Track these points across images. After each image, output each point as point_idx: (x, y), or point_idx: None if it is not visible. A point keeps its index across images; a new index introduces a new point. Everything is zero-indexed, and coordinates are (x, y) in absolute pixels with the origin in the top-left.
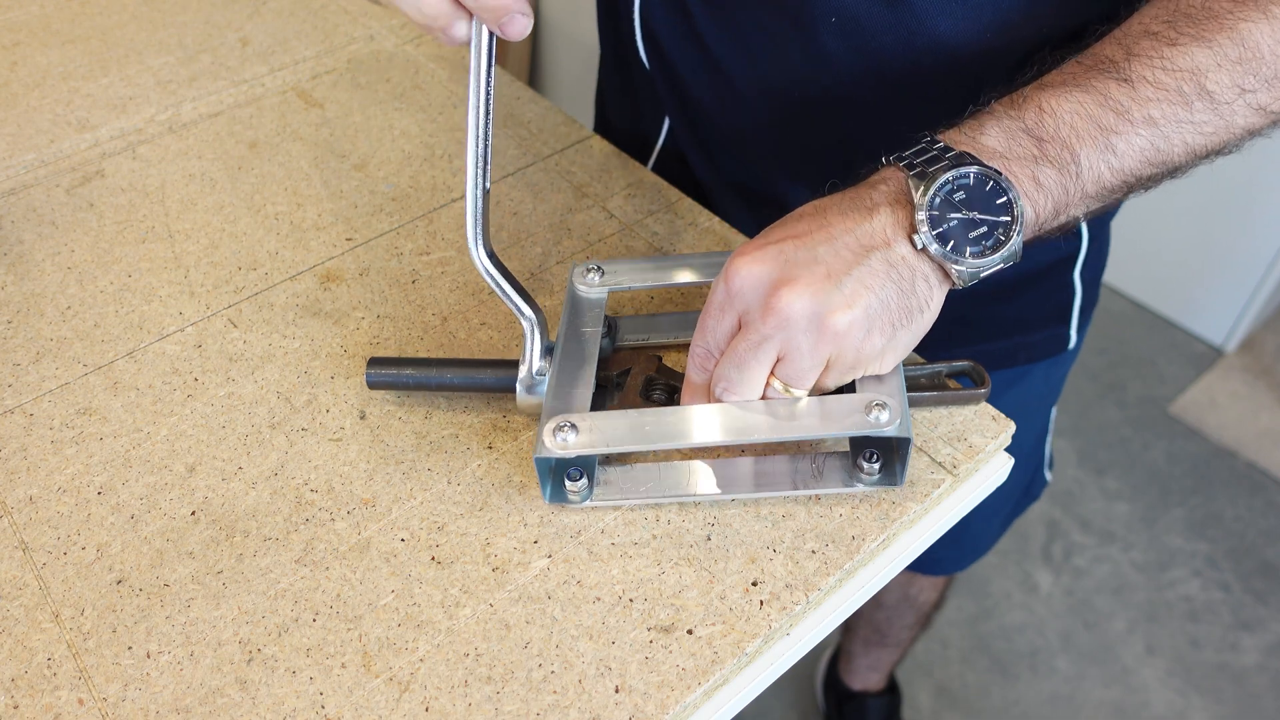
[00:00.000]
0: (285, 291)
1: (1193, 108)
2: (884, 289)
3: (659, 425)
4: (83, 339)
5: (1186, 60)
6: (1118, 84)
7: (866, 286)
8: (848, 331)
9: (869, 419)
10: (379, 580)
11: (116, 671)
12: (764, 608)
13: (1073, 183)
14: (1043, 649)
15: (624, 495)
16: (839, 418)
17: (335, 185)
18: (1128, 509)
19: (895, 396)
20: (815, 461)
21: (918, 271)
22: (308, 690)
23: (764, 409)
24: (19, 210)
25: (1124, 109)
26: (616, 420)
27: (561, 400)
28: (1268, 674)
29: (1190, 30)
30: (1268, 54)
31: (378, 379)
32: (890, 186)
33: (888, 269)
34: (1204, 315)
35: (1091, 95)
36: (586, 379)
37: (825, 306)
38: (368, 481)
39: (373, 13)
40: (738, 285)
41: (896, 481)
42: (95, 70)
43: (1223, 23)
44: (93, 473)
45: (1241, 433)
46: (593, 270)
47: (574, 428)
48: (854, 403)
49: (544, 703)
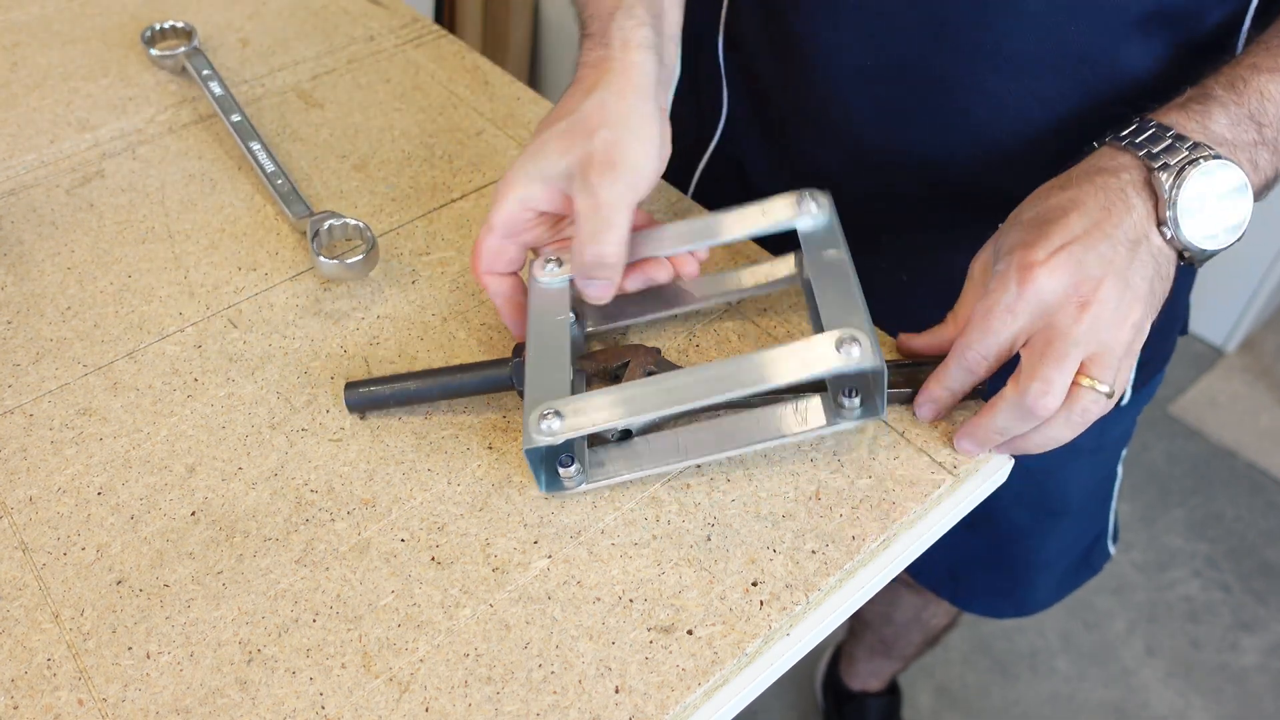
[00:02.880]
0: (285, 291)
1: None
2: (1154, 281)
3: (642, 395)
4: (83, 339)
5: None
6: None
7: (1145, 279)
8: (1143, 325)
9: (842, 355)
10: (379, 580)
11: (116, 672)
12: (764, 608)
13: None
14: (1043, 649)
15: (617, 473)
16: (814, 360)
17: (335, 185)
18: (1127, 509)
19: (862, 329)
20: (797, 407)
21: (1168, 259)
22: (308, 690)
23: (740, 364)
24: (19, 210)
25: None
26: (599, 399)
27: (541, 389)
28: (1268, 674)
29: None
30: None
31: (357, 400)
32: (1132, 175)
33: (1154, 263)
34: (1204, 315)
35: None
36: (563, 364)
37: (1128, 308)
38: (368, 482)
39: (373, 13)
40: (1037, 295)
41: (878, 413)
42: (95, 70)
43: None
44: (93, 473)
45: (1241, 433)
46: (551, 261)
47: (558, 414)
48: (825, 343)
49: (544, 703)
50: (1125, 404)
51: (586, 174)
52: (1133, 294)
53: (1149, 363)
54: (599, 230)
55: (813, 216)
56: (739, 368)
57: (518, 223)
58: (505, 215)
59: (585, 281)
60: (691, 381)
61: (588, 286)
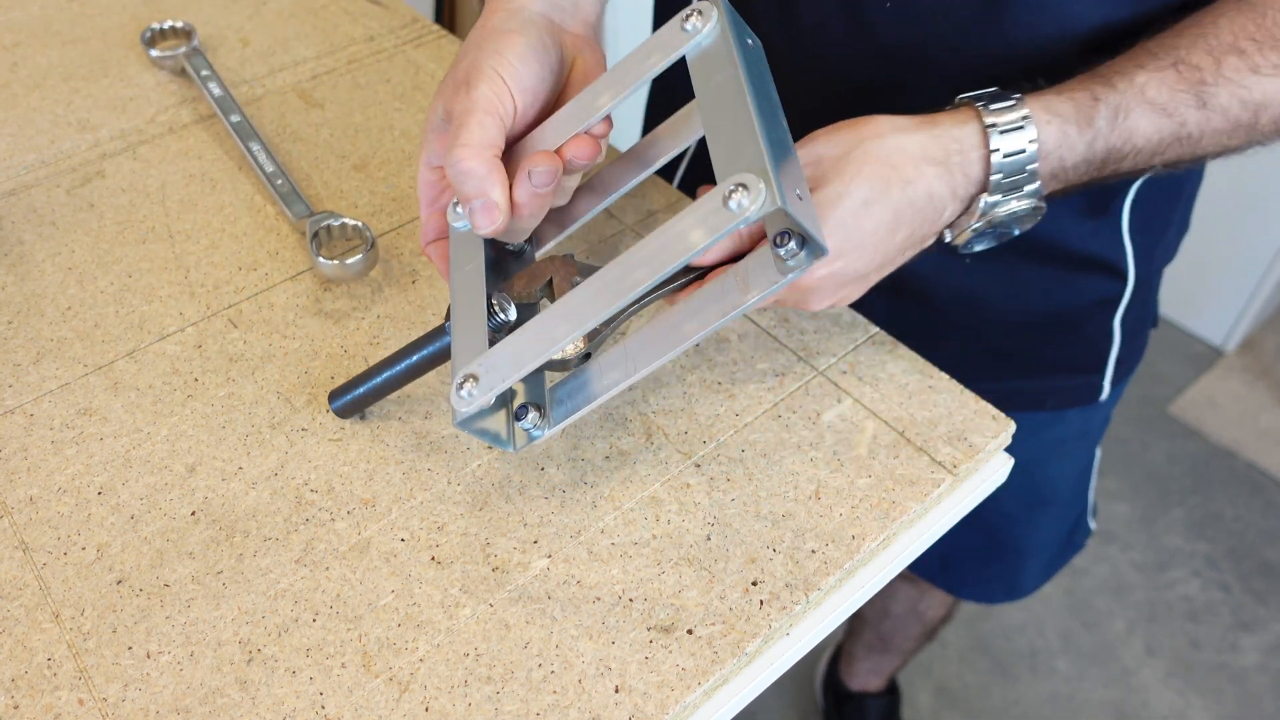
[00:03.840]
0: (285, 291)
1: (1237, 134)
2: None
3: (550, 327)
4: (83, 339)
5: (1260, 92)
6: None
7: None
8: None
9: (733, 209)
10: (379, 580)
11: (116, 671)
12: (764, 608)
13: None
14: (1042, 649)
15: (579, 405)
16: (708, 225)
17: (335, 185)
18: (1127, 509)
19: (754, 167)
20: (739, 275)
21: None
22: (308, 690)
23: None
24: (19, 210)
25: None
26: (508, 346)
27: (462, 353)
28: (1268, 674)
29: (1274, 58)
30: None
31: (343, 406)
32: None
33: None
34: (1204, 315)
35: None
36: (479, 315)
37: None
38: (368, 481)
39: (373, 13)
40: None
41: (822, 250)
42: (95, 70)
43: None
44: (93, 473)
45: (1241, 433)
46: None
47: (474, 378)
48: (712, 201)
49: (544, 703)
50: (1104, 399)
51: (451, 101)
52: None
53: (1125, 360)
54: (452, 144)
55: (701, 35)
56: (634, 261)
57: (433, 188)
58: (423, 186)
59: (471, 214)
60: (592, 293)
61: (472, 216)
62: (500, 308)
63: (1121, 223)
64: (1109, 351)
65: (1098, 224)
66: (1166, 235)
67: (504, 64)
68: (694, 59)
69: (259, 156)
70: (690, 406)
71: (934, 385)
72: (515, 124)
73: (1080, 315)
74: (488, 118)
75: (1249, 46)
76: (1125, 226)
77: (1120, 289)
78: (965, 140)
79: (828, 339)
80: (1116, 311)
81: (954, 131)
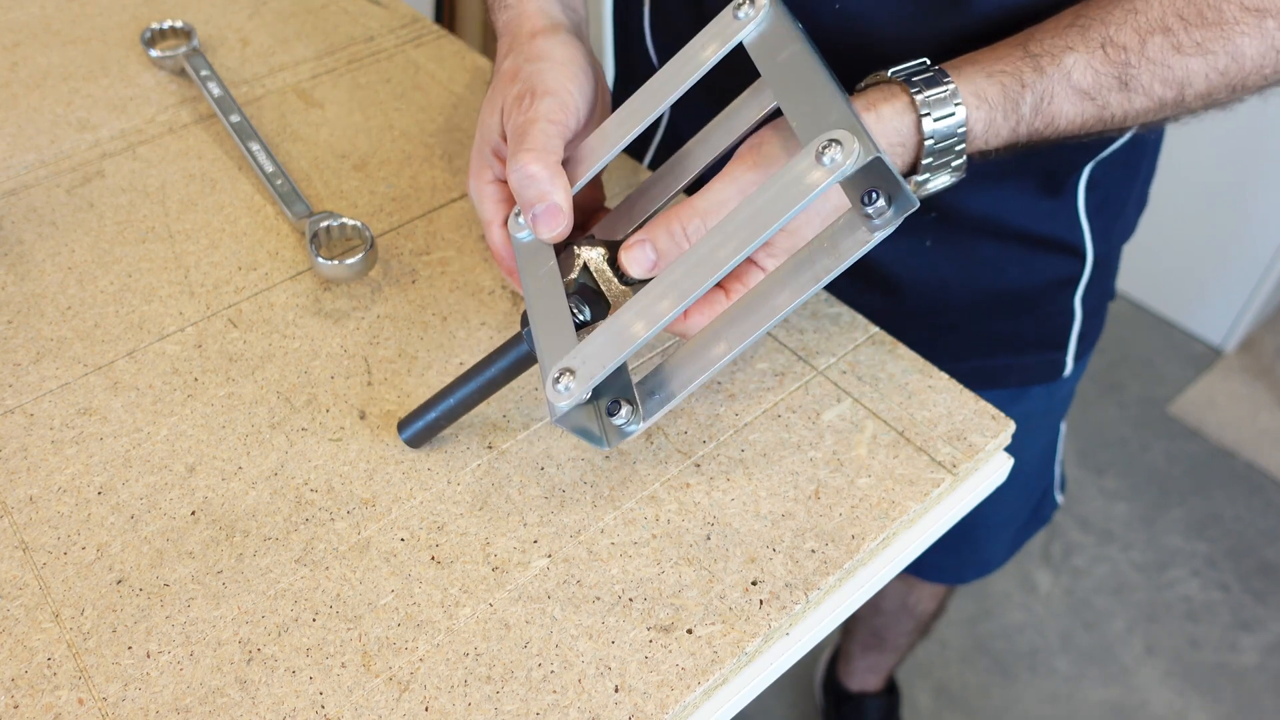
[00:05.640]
0: (285, 291)
1: (1164, 110)
2: None
3: (644, 309)
4: (83, 339)
5: (1182, 70)
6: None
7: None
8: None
9: (827, 165)
10: (379, 580)
11: (116, 671)
12: (764, 607)
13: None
14: (1042, 649)
15: (673, 393)
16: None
17: (335, 185)
18: (1127, 509)
19: (841, 124)
20: (825, 241)
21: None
22: (307, 690)
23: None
24: (19, 210)
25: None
26: (602, 335)
27: (551, 352)
28: (1267, 674)
29: (1198, 36)
30: (1248, 65)
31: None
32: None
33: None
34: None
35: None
36: (561, 315)
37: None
38: (368, 481)
39: (373, 13)
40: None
41: (911, 203)
42: (95, 70)
43: (1226, 31)
44: (93, 473)
45: (1241, 433)
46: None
47: (569, 371)
48: (804, 161)
49: (544, 702)
50: (1068, 374)
51: (509, 114)
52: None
53: (1086, 335)
54: (515, 151)
55: (755, 22)
56: (730, 229)
57: (501, 204)
58: (489, 204)
59: (532, 220)
60: (684, 272)
61: (535, 223)
62: (576, 309)
63: (1078, 203)
64: (1070, 329)
65: (1054, 205)
66: (1125, 213)
67: (566, 76)
68: (753, 43)
69: (259, 156)
70: (690, 406)
71: (934, 385)
72: (574, 134)
73: (1040, 295)
74: (551, 126)
75: (1175, 24)
76: (1082, 207)
77: (1079, 268)
78: (903, 130)
79: (827, 339)
80: (1077, 290)
81: (894, 123)
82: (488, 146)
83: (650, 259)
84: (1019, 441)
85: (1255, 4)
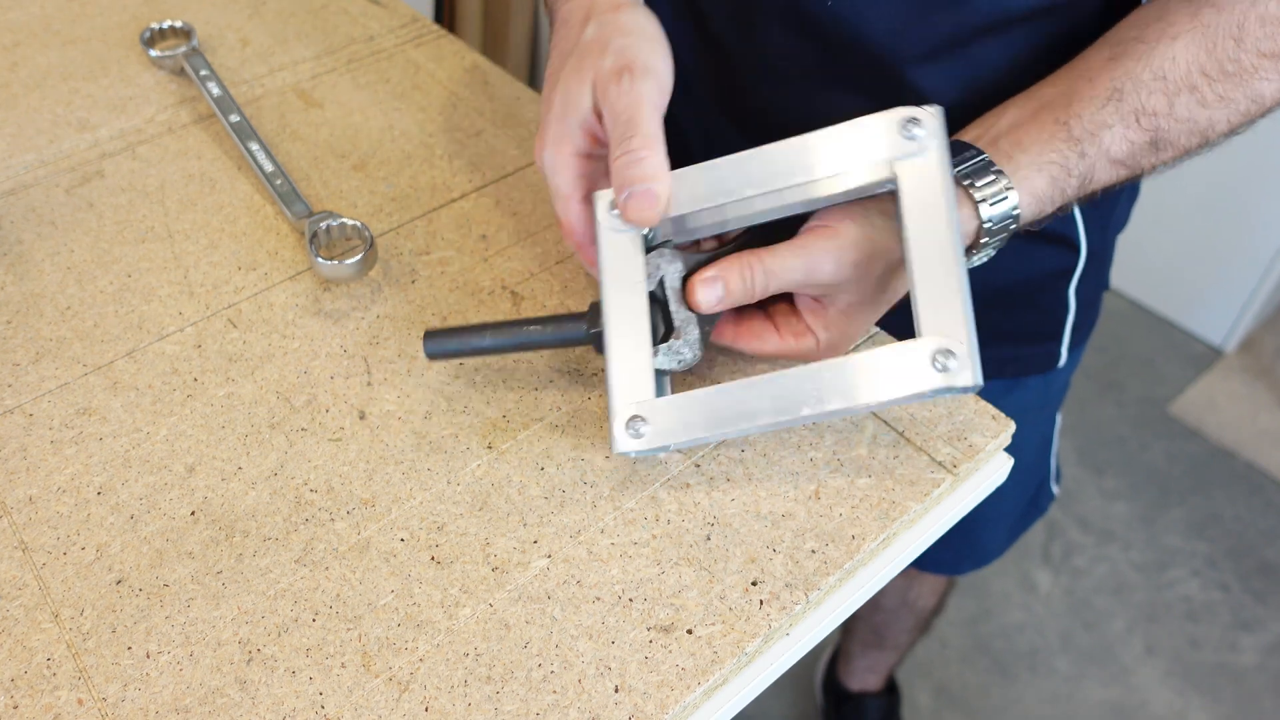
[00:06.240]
0: (285, 291)
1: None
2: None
3: (737, 411)
4: (82, 339)
5: (1206, 121)
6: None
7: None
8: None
9: (939, 373)
10: (379, 580)
11: (116, 671)
12: (764, 607)
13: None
14: (1042, 649)
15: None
16: (906, 380)
17: (335, 185)
18: (1127, 509)
19: (961, 338)
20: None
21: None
22: (307, 690)
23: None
24: (19, 210)
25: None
26: (688, 406)
27: (625, 385)
28: (1267, 674)
29: (1221, 89)
30: (1268, 104)
31: (436, 349)
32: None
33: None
34: (1203, 315)
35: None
36: (644, 347)
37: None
38: (367, 481)
39: (373, 13)
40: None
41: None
42: (95, 70)
43: (1245, 79)
44: (92, 473)
45: (1241, 433)
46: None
47: (643, 419)
48: (920, 353)
49: (544, 702)
50: (1063, 365)
51: (606, 89)
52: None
53: (1081, 326)
54: (625, 132)
55: (913, 153)
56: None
57: (587, 180)
58: (569, 176)
59: (625, 198)
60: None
61: (628, 203)
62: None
63: None
64: (1065, 319)
65: None
66: (1118, 205)
67: (657, 56)
68: (906, 174)
69: (258, 156)
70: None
71: None
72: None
73: (1035, 287)
74: (656, 113)
75: (1200, 81)
76: None
77: (1074, 260)
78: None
79: None
80: (1071, 281)
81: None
82: (573, 118)
83: (720, 295)
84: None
85: (1271, 49)
